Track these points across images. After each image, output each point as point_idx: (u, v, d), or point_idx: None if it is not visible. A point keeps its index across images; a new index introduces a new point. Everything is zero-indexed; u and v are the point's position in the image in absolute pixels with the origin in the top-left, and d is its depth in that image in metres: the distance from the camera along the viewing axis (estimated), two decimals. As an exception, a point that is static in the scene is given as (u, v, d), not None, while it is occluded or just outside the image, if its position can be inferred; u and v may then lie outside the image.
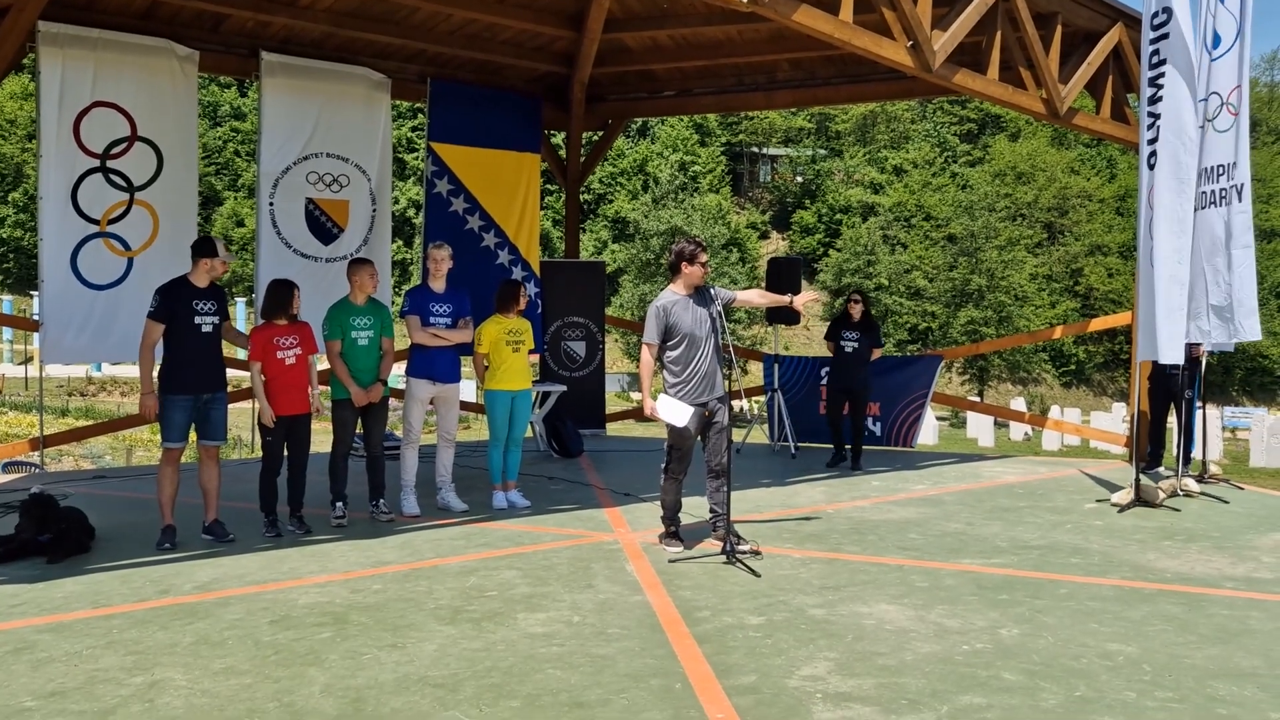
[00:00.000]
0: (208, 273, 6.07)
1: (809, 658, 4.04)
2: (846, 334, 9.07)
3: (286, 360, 6.14)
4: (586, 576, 5.25)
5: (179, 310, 5.94)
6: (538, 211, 10.97)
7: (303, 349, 6.23)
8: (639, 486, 7.93)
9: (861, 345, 8.98)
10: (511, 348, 7.05)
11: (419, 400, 6.89)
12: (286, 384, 6.16)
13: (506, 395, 7.07)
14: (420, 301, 6.85)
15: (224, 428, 6.16)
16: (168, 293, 6.00)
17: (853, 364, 8.98)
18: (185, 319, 5.93)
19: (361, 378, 6.50)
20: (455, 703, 3.57)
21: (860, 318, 9.13)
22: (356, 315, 6.54)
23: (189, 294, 6.00)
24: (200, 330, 5.97)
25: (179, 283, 6.09)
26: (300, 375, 6.20)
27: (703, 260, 5.77)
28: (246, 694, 3.64)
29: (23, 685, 3.72)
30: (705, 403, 5.75)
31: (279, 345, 6.16)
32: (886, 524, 6.65)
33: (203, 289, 6.05)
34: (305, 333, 6.30)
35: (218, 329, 6.07)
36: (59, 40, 8.10)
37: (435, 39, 9.90)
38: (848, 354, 9.00)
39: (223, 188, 51.50)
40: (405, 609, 4.67)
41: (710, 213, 48.71)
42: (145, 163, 8.61)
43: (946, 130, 60.76)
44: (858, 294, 9.47)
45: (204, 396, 5.98)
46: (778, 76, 11.03)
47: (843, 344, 9.06)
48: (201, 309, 6.00)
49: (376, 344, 6.56)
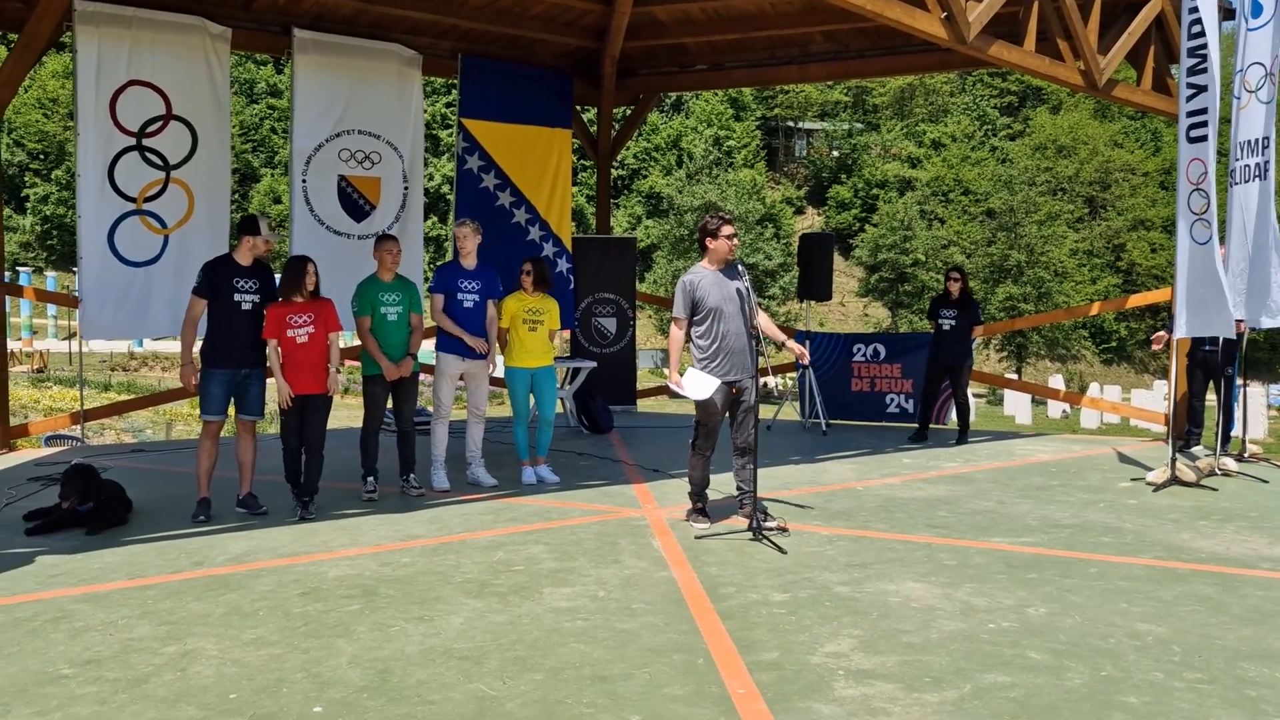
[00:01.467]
0: (250, 250, 6.16)
1: (832, 635, 4.04)
2: (944, 312, 9.10)
3: (298, 339, 5.99)
4: (613, 552, 5.28)
5: (221, 287, 6.03)
6: (569, 187, 10.96)
7: (317, 328, 6.04)
8: (668, 463, 7.94)
9: (959, 322, 9.00)
10: (528, 326, 7.03)
11: (448, 376, 6.94)
12: (297, 362, 6.01)
13: (525, 372, 7.08)
14: (448, 280, 6.88)
15: (262, 403, 6.27)
16: (211, 269, 6.13)
17: (951, 341, 9.03)
18: (227, 296, 6.02)
19: (391, 353, 6.53)
20: (479, 675, 3.61)
21: (959, 295, 9.11)
22: (385, 291, 6.57)
23: (232, 271, 6.11)
24: (240, 307, 6.05)
25: (223, 260, 6.23)
26: (314, 354, 6.04)
27: (728, 234, 5.73)
28: (276, 664, 3.70)
29: (60, 653, 3.82)
30: (732, 381, 5.74)
31: (290, 323, 6.02)
32: (916, 502, 6.61)
33: (246, 267, 6.14)
34: (325, 310, 6.13)
35: (259, 307, 6.12)
36: (95, 19, 8.18)
37: (466, 14, 9.89)
38: (946, 331, 9.06)
39: (259, 164, 51.95)
40: (433, 582, 4.72)
41: (745, 188, 48.42)
42: (180, 141, 8.70)
43: (986, 103, 59.87)
44: (956, 271, 9.45)
45: (243, 372, 6.07)
46: (811, 49, 10.90)
47: (941, 322, 9.11)
48: (243, 286, 6.08)
49: (405, 319, 6.59)
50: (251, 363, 6.10)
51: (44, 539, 5.55)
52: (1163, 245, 49.14)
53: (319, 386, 6.08)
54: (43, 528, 5.68)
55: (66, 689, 3.48)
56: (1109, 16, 8.61)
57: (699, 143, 52.34)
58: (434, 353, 7.09)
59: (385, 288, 6.58)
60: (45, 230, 47.55)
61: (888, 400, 10.55)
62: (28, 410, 22.93)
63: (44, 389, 27.63)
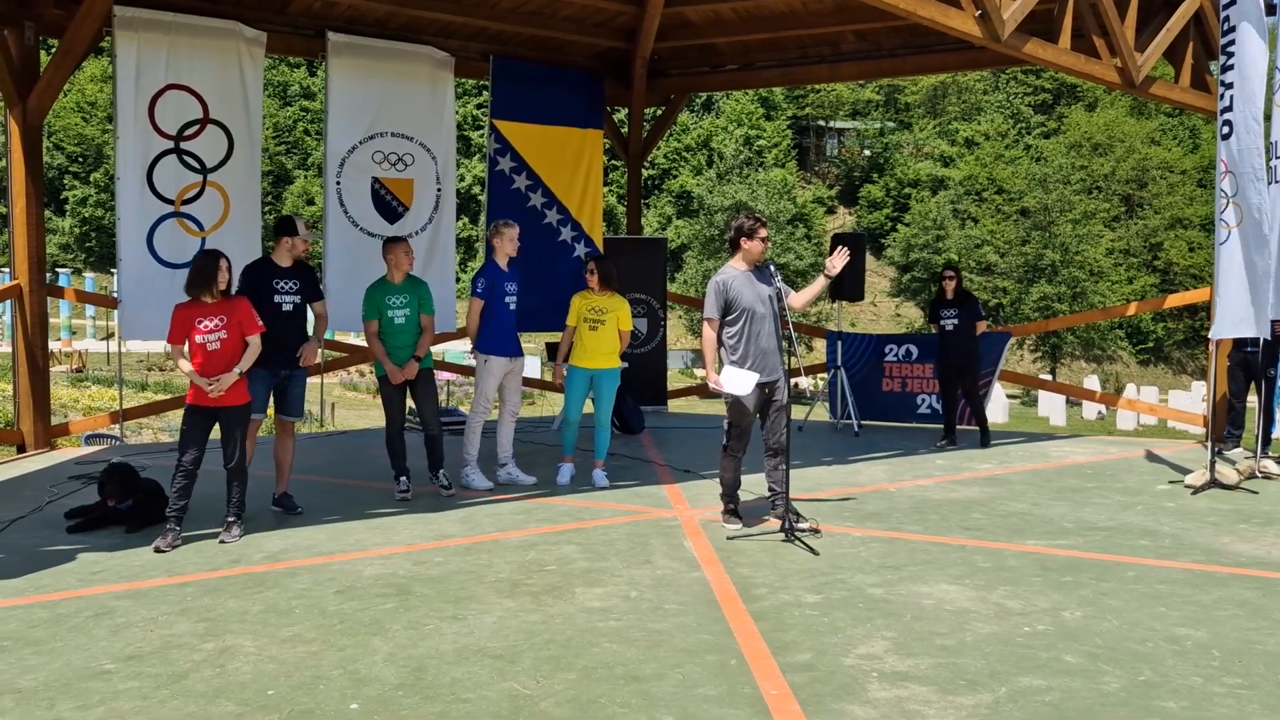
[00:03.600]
0: (289, 251, 6.19)
1: (866, 636, 4.02)
2: (945, 312, 8.97)
3: (209, 345, 5.44)
4: (645, 552, 5.29)
5: (260, 288, 6.05)
6: (600, 188, 10.99)
7: (230, 332, 5.48)
8: (699, 464, 7.94)
9: (962, 320, 8.87)
10: (589, 325, 7.01)
11: (495, 375, 7.01)
12: (210, 372, 5.46)
13: (583, 373, 7.06)
14: (498, 282, 6.97)
15: (301, 403, 6.34)
16: (249, 272, 6.17)
17: (956, 341, 8.89)
18: (266, 297, 6.03)
19: (398, 355, 6.52)
20: (513, 674, 3.63)
21: (955, 293, 8.98)
22: (393, 294, 6.55)
23: (270, 273, 6.15)
24: (281, 309, 6.08)
25: (261, 262, 6.29)
26: (229, 361, 5.49)
27: (762, 235, 5.73)
28: (312, 661, 3.75)
29: (102, 649, 3.88)
30: (765, 382, 5.72)
31: (199, 327, 5.46)
32: (949, 503, 6.57)
33: (285, 268, 6.18)
34: (238, 311, 5.55)
35: (299, 308, 6.16)
36: (134, 24, 8.30)
37: (497, 16, 9.94)
38: (949, 332, 8.92)
39: (293, 166, 52.47)
40: (466, 581, 4.75)
41: (775, 188, 48.23)
42: (217, 144, 8.80)
43: (1020, 101, 59.23)
44: (950, 270, 9.27)
45: (282, 373, 6.12)
46: (842, 48, 10.85)
47: (943, 323, 8.97)
48: (282, 288, 6.12)
49: (414, 321, 6.56)
50: (293, 363, 6.16)
51: (85, 536, 5.64)
52: (1201, 244, 48.40)
53: (236, 397, 5.56)
54: (83, 525, 5.79)
55: (109, 684, 3.54)
56: (1146, 13, 8.50)
57: (729, 142, 52.21)
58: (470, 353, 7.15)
59: (393, 290, 6.56)
60: (84, 232, 48.34)
61: (919, 401, 10.48)
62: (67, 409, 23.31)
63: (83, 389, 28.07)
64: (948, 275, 9.12)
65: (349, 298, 7.98)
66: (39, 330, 8.48)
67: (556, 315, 10.63)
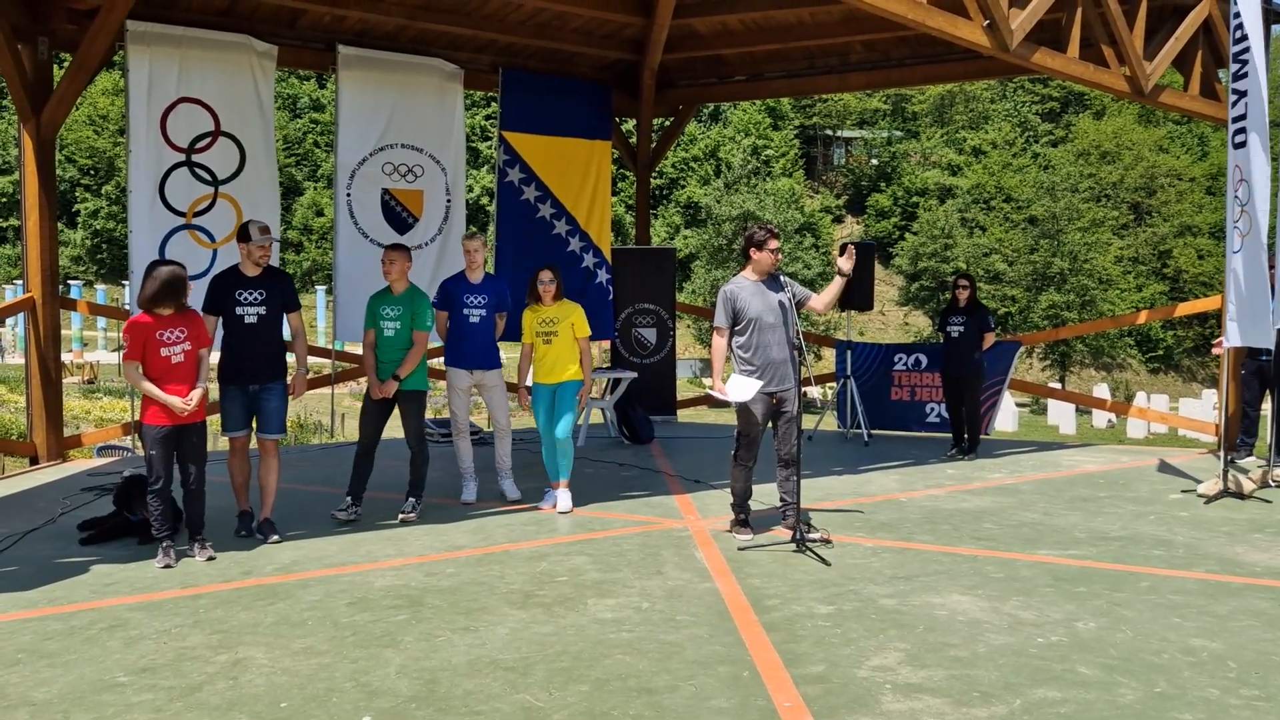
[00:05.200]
0: (248, 259, 5.83)
1: (879, 648, 4.01)
2: (953, 319, 8.89)
3: (173, 358, 5.23)
4: (656, 563, 5.28)
5: (224, 300, 5.77)
6: (609, 199, 11.02)
7: (191, 345, 5.31)
8: (709, 473, 7.93)
9: (969, 330, 8.79)
10: (542, 339, 6.62)
11: (458, 389, 6.81)
12: (173, 387, 5.24)
13: (543, 389, 6.68)
14: (452, 294, 6.76)
15: (279, 419, 5.91)
16: (214, 283, 5.89)
17: (961, 350, 8.81)
18: (229, 309, 5.76)
19: (383, 370, 6.25)
20: (525, 686, 3.63)
21: (966, 302, 8.93)
22: (388, 305, 6.29)
23: (234, 284, 5.80)
24: (244, 321, 5.75)
25: (226, 272, 5.93)
26: (190, 375, 5.30)
27: (773, 247, 5.74)
28: (325, 673, 3.75)
29: (116, 661, 3.89)
30: (774, 392, 5.73)
31: (162, 339, 5.23)
32: (961, 513, 6.55)
33: (250, 277, 5.82)
34: (195, 324, 5.38)
35: (266, 319, 5.79)
36: (146, 38, 8.36)
37: (506, 29, 9.98)
38: (955, 340, 8.85)
39: (302, 178, 52.70)
40: (478, 593, 4.75)
41: (783, 197, 48.28)
42: (228, 157, 8.85)
43: (1028, 109, 59.24)
44: (964, 278, 9.18)
45: (253, 388, 5.81)
46: (850, 59, 10.87)
47: (949, 330, 8.90)
48: (245, 299, 5.76)
49: (404, 336, 6.22)
50: (263, 378, 5.81)
51: (98, 548, 5.67)
52: (1210, 252, 48.25)
53: (197, 413, 5.34)
54: (96, 537, 5.81)
55: (123, 696, 3.55)
56: (1155, 21, 8.49)
57: (737, 152, 52.29)
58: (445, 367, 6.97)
59: (389, 301, 6.30)
60: (95, 244, 48.57)
61: (928, 409, 10.45)
62: (79, 421, 23.39)
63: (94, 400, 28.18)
64: (961, 284, 9.06)
65: (358, 308, 7.98)
66: (52, 342, 8.52)
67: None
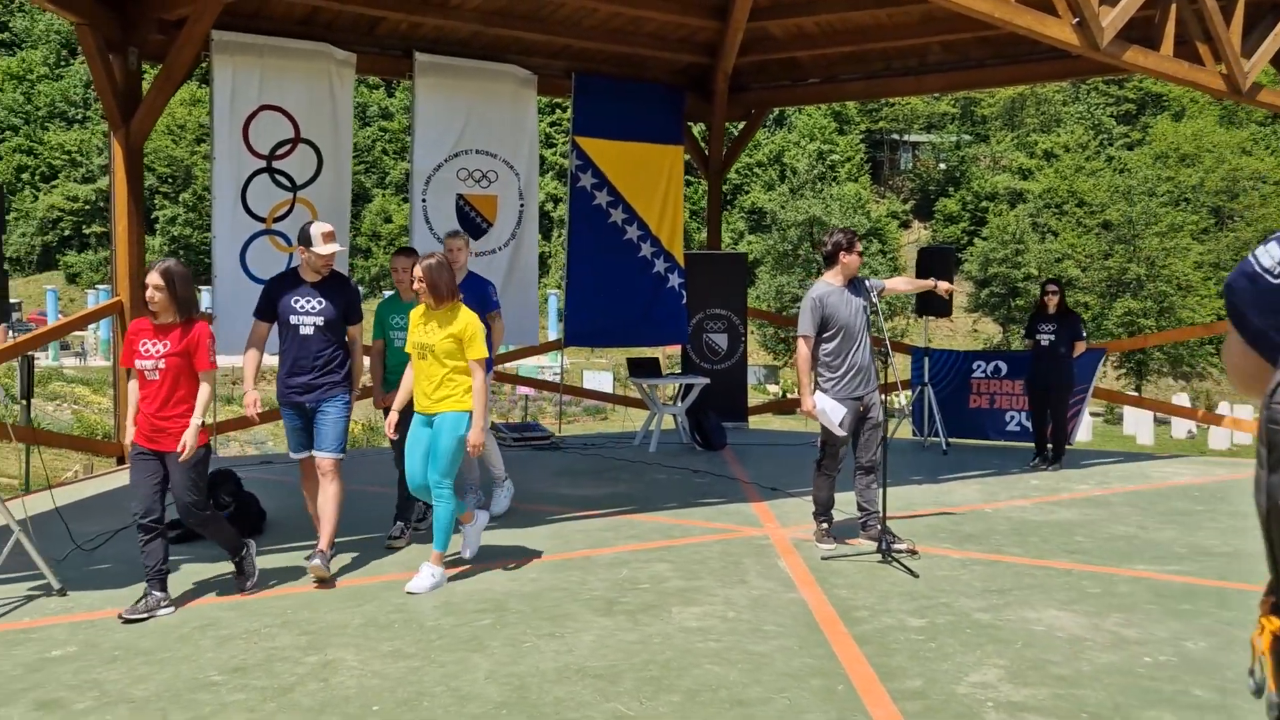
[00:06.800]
0: (308, 265, 5.22)
1: (977, 664, 3.88)
2: (1043, 327, 8.60)
3: (146, 372, 4.49)
4: (738, 571, 5.20)
5: (279, 307, 5.23)
6: (680, 204, 10.96)
7: (169, 362, 4.45)
8: (785, 481, 7.81)
9: (1059, 338, 8.51)
10: (417, 352, 4.99)
11: None
12: (148, 407, 4.52)
13: (416, 418, 5.06)
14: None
15: (334, 436, 5.17)
16: (269, 287, 5.32)
17: (1050, 358, 8.53)
18: (284, 317, 5.22)
19: (391, 382, 5.71)
20: (615, 694, 3.57)
21: (1057, 309, 8.65)
22: (397, 313, 5.76)
23: (290, 289, 5.23)
24: (299, 331, 5.17)
25: (283, 276, 5.41)
26: (168, 397, 4.49)
27: (859, 250, 5.65)
28: (415, 677, 3.74)
29: (209, 660, 3.93)
30: (860, 397, 5.61)
31: (141, 350, 4.50)
32: (1050, 525, 6.35)
33: (309, 284, 5.22)
34: (190, 338, 4.48)
35: (321, 330, 5.17)
36: (229, 48, 8.53)
37: (580, 34, 9.99)
38: (1044, 348, 8.55)
39: (371, 185, 53.57)
40: (561, 599, 4.72)
41: (849, 202, 47.77)
42: (306, 163, 8.99)
43: (1102, 111, 57.83)
44: (1053, 284, 8.86)
45: (309, 405, 5.21)
46: (928, 60, 10.67)
47: (1039, 338, 8.61)
48: (301, 307, 5.18)
49: None
50: (316, 391, 5.18)
51: (186, 547, 5.74)
52: (1296, 257, 46.47)
53: (170, 441, 4.49)
54: (183, 536, 5.89)
55: (218, 695, 3.58)
56: (1253, 17, 8.17)
57: (802, 157, 51.90)
58: None
59: (399, 309, 5.75)
60: (173, 250, 49.91)
61: (1008, 418, 10.20)
62: (158, 422, 24.05)
63: (172, 402, 28.91)
64: (1050, 290, 8.76)
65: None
66: (138, 345, 8.71)
67: (637, 331, 10.72)
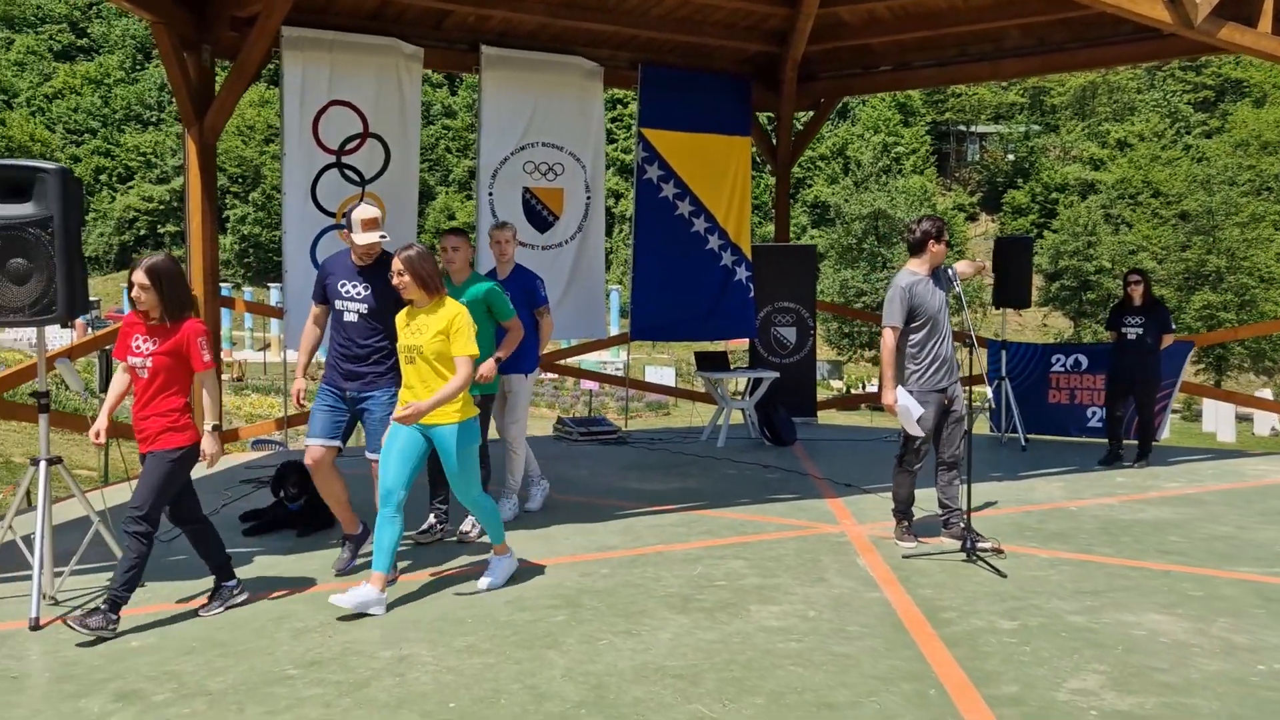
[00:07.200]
0: (353, 250, 4.99)
1: (1076, 669, 3.69)
2: (1128, 319, 8.23)
3: (138, 370, 4.21)
4: (817, 569, 5.04)
5: (329, 289, 5.05)
6: (748, 195, 10.79)
7: (156, 361, 4.16)
8: (858, 477, 7.62)
9: (1146, 331, 8.15)
10: (405, 356, 4.49)
11: None
12: (137, 405, 4.22)
13: (397, 431, 4.51)
14: None
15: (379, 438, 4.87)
16: (321, 267, 5.17)
17: (1137, 352, 8.16)
18: (332, 301, 5.04)
19: None
20: (697, 696, 3.46)
21: (1143, 300, 8.29)
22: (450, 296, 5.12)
23: (340, 273, 5.01)
24: (343, 318, 4.97)
25: (337, 257, 5.15)
26: (156, 394, 4.19)
27: (946, 239, 5.46)
28: (490, 674, 3.66)
29: (285, 653, 3.90)
30: (944, 389, 5.42)
31: (133, 347, 4.23)
32: (1140, 524, 6.08)
33: (358, 268, 4.97)
34: (180, 338, 4.18)
35: (366, 317, 4.93)
36: (299, 44, 8.58)
37: (647, 24, 9.87)
38: (1130, 341, 8.18)
39: (435, 183, 54.19)
40: (635, 595, 4.61)
41: (915, 195, 47.02)
42: (374, 157, 9.00)
43: (1178, 99, 56.11)
44: (1137, 274, 8.45)
45: (350, 392, 4.98)
46: (1005, 45, 10.33)
47: (1124, 331, 8.23)
48: (346, 292, 4.96)
49: None
50: (358, 381, 4.95)
51: (260, 540, 5.77)
52: (1387, 247, 44.66)
53: (165, 440, 4.17)
54: (258, 528, 5.93)
55: (294, 689, 3.54)
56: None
57: (866, 150, 51.23)
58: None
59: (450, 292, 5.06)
60: (243, 249, 51.08)
61: (1089, 413, 9.85)
62: (230, 417, 24.53)
63: (244, 396, 29.53)
64: (1133, 280, 8.38)
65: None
66: (213, 339, 8.82)
67: (704, 326, 10.57)
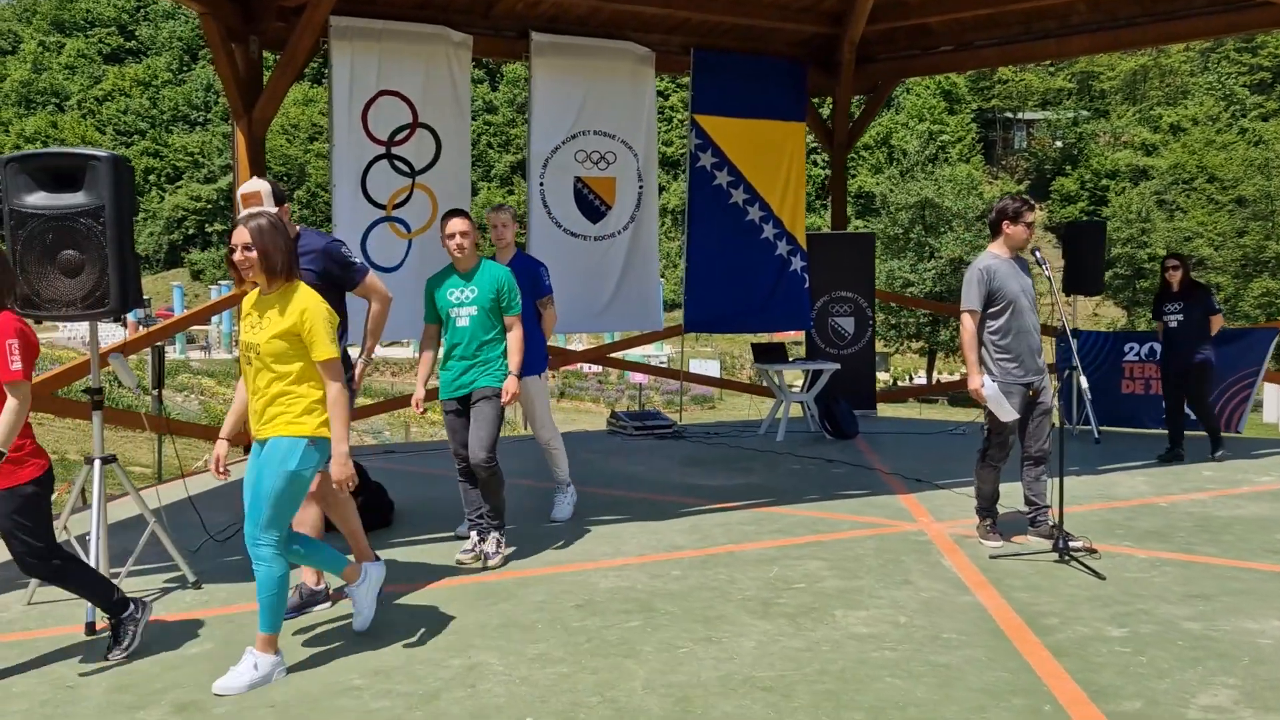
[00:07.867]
0: None
1: (1202, 682, 3.38)
2: (1168, 307, 7.87)
3: None
4: (900, 570, 4.77)
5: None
6: (803, 183, 10.49)
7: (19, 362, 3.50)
8: (928, 472, 7.31)
9: (1189, 317, 7.77)
10: (244, 357, 3.64)
11: None
12: None
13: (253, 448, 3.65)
14: None
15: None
16: None
17: (1182, 340, 7.78)
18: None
19: (452, 368, 4.96)
20: (790, 710, 3.21)
21: (1181, 285, 7.92)
22: (454, 287, 4.93)
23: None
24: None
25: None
26: None
27: (1029, 220, 5.13)
28: (566, 684, 3.44)
29: (349, 662, 3.70)
30: (1031, 382, 5.11)
31: None
32: (1241, 521, 5.72)
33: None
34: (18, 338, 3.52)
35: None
36: (348, 34, 8.41)
37: (699, 6, 9.59)
38: (1173, 330, 7.82)
39: (477, 178, 54.22)
40: (711, 599, 4.37)
41: (962, 183, 46.15)
42: (425, 147, 8.82)
43: (1233, 81, 54.64)
44: (1174, 258, 8.08)
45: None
46: (1072, 21, 9.92)
47: (1166, 319, 7.88)
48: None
49: (483, 321, 4.90)
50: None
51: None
52: None
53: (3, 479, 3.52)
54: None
55: (360, 701, 3.34)
56: None
57: (911, 138, 50.45)
58: None
59: (455, 282, 4.95)
60: (288, 247, 51.51)
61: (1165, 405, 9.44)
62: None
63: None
64: (1171, 265, 7.96)
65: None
66: (263, 335, 8.69)
67: (759, 317, 10.28)
